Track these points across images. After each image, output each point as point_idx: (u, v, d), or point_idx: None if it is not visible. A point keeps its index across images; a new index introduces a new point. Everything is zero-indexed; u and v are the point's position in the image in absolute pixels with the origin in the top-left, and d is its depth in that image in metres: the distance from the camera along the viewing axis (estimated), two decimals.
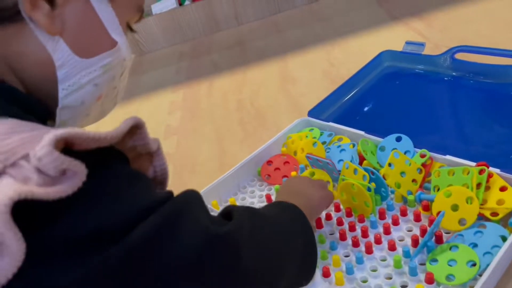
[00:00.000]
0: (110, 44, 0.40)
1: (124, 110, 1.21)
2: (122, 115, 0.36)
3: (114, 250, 0.30)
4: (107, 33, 0.39)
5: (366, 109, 0.88)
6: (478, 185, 0.57)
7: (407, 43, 0.94)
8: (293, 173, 0.74)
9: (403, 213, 0.61)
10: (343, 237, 0.60)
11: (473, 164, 0.60)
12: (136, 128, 0.36)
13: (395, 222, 0.60)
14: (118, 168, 0.34)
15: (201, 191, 0.72)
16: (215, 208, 0.70)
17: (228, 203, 0.73)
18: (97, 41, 0.39)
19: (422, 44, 0.92)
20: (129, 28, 0.44)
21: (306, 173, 0.71)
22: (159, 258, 0.31)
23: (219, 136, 0.98)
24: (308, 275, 0.47)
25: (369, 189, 0.61)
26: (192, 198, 0.36)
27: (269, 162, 0.78)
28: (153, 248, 0.31)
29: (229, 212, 0.40)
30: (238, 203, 0.73)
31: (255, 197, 0.74)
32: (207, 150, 0.94)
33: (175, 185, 0.38)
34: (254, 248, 0.38)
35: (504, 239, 0.51)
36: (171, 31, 1.55)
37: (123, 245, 0.30)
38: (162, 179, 0.41)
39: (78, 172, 0.29)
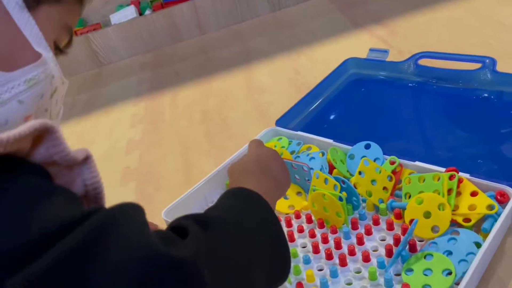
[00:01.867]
0: (34, 57, 0.36)
1: (83, 125, 1.16)
2: (80, 131, 0.33)
3: (10, 284, 0.24)
4: (30, 46, 0.36)
5: (333, 117, 0.87)
6: (449, 191, 0.56)
7: (371, 50, 0.95)
8: None
9: (376, 222, 0.59)
10: (316, 250, 0.58)
11: (443, 169, 0.60)
12: (47, 133, 0.31)
13: (368, 232, 0.58)
14: (24, 181, 0.29)
15: (167, 208, 0.68)
16: None
17: None
18: (18, 53, 0.36)
19: (386, 51, 0.92)
20: (59, 49, 0.41)
21: None
22: None
23: (184, 149, 0.94)
24: (282, 278, 0.42)
25: (340, 199, 0.59)
26: (129, 208, 0.30)
27: None
28: (69, 278, 0.25)
29: (181, 228, 0.34)
30: None
31: None
32: (172, 164, 0.90)
33: (139, 203, 0.34)
34: (219, 269, 0.33)
35: (478, 245, 0.50)
36: (132, 41, 1.51)
37: (23, 277, 0.24)
38: (95, 195, 0.35)
39: None
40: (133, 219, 0.29)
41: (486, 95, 0.77)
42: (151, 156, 0.95)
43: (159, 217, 0.67)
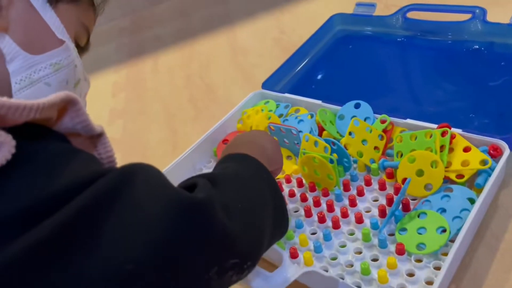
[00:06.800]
0: (58, 43, 0.42)
1: None
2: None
3: (48, 223, 0.26)
4: (54, 34, 0.42)
5: (321, 76, 0.85)
6: (442, 147, 0.55)
7: (358, 4, 0.91)
8: None
9: (368, 183, 0.58)
10: (308, 214, 0.57)
11: (435, 126, 0.59)
12: (70, 105, 0.34)
13: (360, 193, 0.58)
14: (53, 143, 0.33)
15: None
16: None
17: None
18: (44, 39, 0.41)
19: (373, 5, 0.89)
20: (79, 47, 0.46)
21: None
22: (107, 231, 0.27)
23: (168, 116, 0.91)
24: (284, 226, 0.44)
25: (331, 161, 0.58)
26: (147, 165, 0.32)
27: (225, 141, 0.73)
28: (98, 219, 0.27)
29: (189, 185, 0.35)
30: None
31: None
32: (157, 133, 0.88)
33: None
34: (232, 210, 0.35)
35: (472, 201, 0.50)
36: (108, 5, 1.43)
37: (57, 218, 0.26)
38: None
39: (5, 142, 0.28)
40: (152, 171, 0.32)
41: (476, 46, 0.75)
42: (135, 126, 0.93)
43: None
